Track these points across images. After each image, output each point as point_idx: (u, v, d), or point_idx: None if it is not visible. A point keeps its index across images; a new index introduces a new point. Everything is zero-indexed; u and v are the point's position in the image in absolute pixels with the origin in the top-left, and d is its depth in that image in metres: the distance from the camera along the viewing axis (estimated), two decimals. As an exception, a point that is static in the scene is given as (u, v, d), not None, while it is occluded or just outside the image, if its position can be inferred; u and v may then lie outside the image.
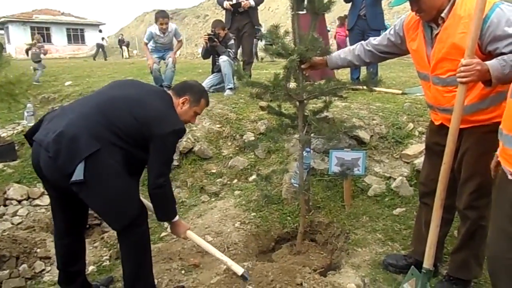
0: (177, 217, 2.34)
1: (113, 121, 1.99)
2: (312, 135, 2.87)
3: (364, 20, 5.14)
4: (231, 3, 5.72)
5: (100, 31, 28.33)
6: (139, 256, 2.19)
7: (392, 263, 2.53)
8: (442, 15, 1.90)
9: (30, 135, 2.09)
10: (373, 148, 3.63)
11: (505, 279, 1.67)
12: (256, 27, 6.11)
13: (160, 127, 2.03)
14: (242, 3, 5.64)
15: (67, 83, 9.17)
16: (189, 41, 32.18)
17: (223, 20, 5.97)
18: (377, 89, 4.40)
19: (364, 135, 3.62)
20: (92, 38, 32.71)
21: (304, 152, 2.91)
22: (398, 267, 2.50)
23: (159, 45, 6.17)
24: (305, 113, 2.87)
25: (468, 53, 1.72)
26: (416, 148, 3.50)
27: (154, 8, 42.52)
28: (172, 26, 5.96)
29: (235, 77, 4.53)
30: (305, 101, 2.80)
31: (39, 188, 4.08)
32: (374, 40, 2.40)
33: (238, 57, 6.01)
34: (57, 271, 2.81)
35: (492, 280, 1.78)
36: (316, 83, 2.79)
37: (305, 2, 2.63)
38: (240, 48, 6.09)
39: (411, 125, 3.77)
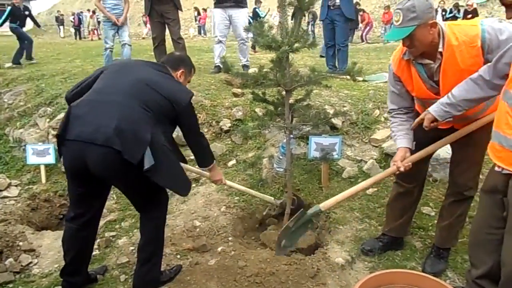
0: (215, 161, 2.69)
1: (149, 105, 2.08)
2: (297, 122, 3.04)
3: (333, 10, 5.39)
4: None
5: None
6: (158, 236, 2.38)
7: (370, 249, 2.75)
8: (440, 49, 2.06)
9: (62, 134, 2.03)
10: (345, 133, 3.89)
11: (480, 250, 2.00)
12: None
13: (183, 99, 2.20)
14: None
15: (7, 65, 8.53)
16: (131, 21, 30.72)
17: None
18: (342, 76, 4.66)
19: (337, 121, 3.86)
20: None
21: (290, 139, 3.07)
22: (377, 250, 2.75)
23: (109, 2, 6.03)
24: (290, 101, 3.02)
25: None
26: (383, 133, 3.81)
27: (90, -16, 39.85)
28: None
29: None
30: (291, 90, 2.95)
31: (5, 179, 3.89)
32: (397, 113, 2.40)
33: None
34: (46, 263, 2.83)
35: (470, 251, 2.10)
36: (302, 73, 2.94)
37: None
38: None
39: (377, 112, 4.08)
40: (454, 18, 13.97)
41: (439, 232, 2.64)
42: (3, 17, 9.85)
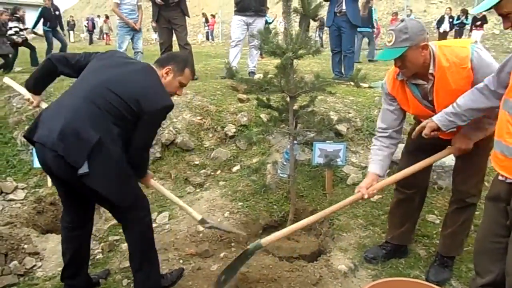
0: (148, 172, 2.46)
1: (105, 108, 2.00)
2: (301, 128, 3.04)
3: (339, 17, 5.41)
4: None
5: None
6: (144, 243, 2.28)
7: (374, 257, 2.73)
8: (430, 71, 2.09)
9: (29, 135, 2.06)
10: (350, 140, 3.89)
11: (485, 259, 1.97)
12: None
13: (149, 104, 2.04)
14: None
15: (17, 69, 8.64)
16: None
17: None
18: (348, 82, 4.65)
19: (341, 127, 3.86)
20: (33, 19, 30.68)
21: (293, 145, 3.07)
22: (380, 257, 2.73)
23: (126, 7, 6.12)
24: (294, 108, 3.02)
25: None
26: (388, 139, 3.79)
27: (100, -10, 40.45)
28: None
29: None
30: (295, 96, 2.96)
31: (11, 182, 3.93)
32: (382, 135, 2.41)
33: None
34: (50, 267, 2.84)
35: (475, 260, 2.08)
36: (306, 79, 2.94)
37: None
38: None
39: (382, 118, 4.06)
40: (462, 24, 13.91)
41: (443, 240, 2.62)
42: (35, 19, 10.12)
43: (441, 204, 3.31)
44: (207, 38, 23.68)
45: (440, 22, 14.08)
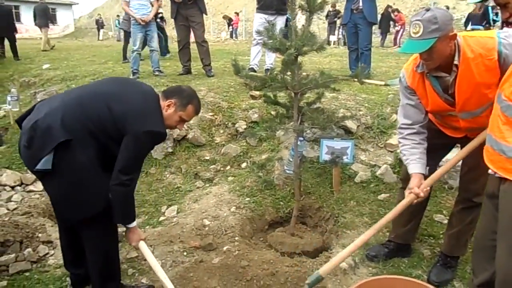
0: (134, 223, 2.21)
1: (89, 113, 1.98)
2: (306, 125, 3.05)
3: (356, 14, 5.37)
4: None
5: None
6: (103, 253, 2.23)
7: (375, 255, 2.71)
8: (455, 62, 1.98)
9: (20, 121, 2.11)
10: (360, 138, 3.85)
11: (482, 256, 1.94)
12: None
13: (135, 124, 1.98)
14: None
15: (45, 66, 8.96)
16: (166, 24, 31.33)
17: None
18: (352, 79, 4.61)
19: (351, 125, 3.83)
20: (64, 18, 31.90)
21: (298, 141, 3.08)
22: (382, 256, 2.71)
23: (135, 3, 6.19)
24: (300, 104, 3.03)
25: None
26: (399, 138, 3.74)
27: (129, -11, 41.23)
28: None
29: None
30: (300, 93, 2.97)
31: (32, 174, 4.11)
32: (409, 133, 2.30)
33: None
34: (61, 255, 2.92)
35: (473, 258, 2.05)
36: (310, 76, 2.95)
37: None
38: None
39: (394, 116, 4.00)
40: (492, 21, 13.38)
41: (448, 240, 2.58)
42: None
43: (450, 204, 3.24)
44: (231, 36, 23.80)
45: (468, 20, 13.60)
